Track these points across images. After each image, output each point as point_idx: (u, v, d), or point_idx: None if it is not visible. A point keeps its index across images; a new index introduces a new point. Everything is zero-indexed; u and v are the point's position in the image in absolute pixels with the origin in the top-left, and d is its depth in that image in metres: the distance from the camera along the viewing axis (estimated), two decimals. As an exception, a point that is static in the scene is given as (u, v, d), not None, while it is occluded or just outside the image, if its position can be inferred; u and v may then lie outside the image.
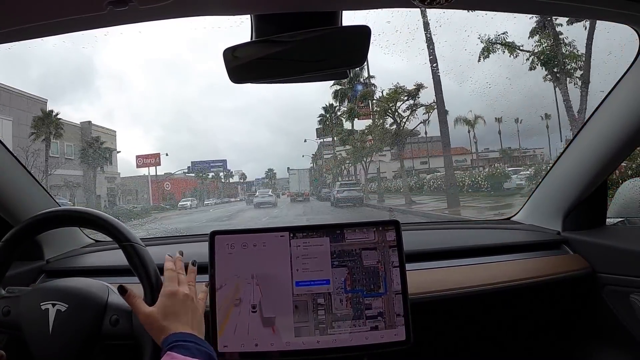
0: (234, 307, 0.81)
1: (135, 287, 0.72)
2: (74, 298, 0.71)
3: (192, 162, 25.26)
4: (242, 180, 31.62)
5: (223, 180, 27.62)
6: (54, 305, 0.70)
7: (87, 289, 0.73)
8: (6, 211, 0.99)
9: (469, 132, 19.61)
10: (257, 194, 16.73)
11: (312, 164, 25.24)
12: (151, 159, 20.01)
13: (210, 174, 25.74)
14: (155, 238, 1.43)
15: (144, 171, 19.99)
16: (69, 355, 0.68)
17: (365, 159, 16.19)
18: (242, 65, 0.73)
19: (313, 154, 24.49)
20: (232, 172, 28.72)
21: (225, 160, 28.24)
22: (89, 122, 16.73)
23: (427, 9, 0.61)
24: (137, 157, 19.94)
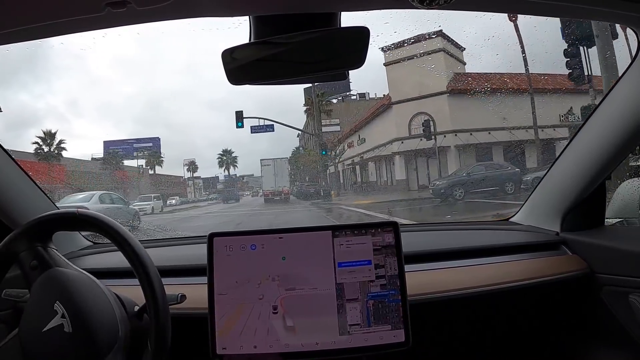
0: (232, 310, 0.81)
1: (135, 289, 0.71)
2: (83, 322, 0.67)
3: (104, 142, 16.21)
4: (192, 175, 21.38)
5: (142, 171, 17.14)
6: (62, 316, 0.67)
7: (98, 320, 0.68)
8: (5, 215, 0.99)
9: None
10: (261, 190, 20.71)
11: (300, 139, 18.47)
12: None
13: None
14: (154, 240, 1.43)
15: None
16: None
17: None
18: (241, 67, 0.73)
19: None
20: (162, 156, 18.32)
21: (158, 138, 18.81)
22: None
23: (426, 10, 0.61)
24: None
